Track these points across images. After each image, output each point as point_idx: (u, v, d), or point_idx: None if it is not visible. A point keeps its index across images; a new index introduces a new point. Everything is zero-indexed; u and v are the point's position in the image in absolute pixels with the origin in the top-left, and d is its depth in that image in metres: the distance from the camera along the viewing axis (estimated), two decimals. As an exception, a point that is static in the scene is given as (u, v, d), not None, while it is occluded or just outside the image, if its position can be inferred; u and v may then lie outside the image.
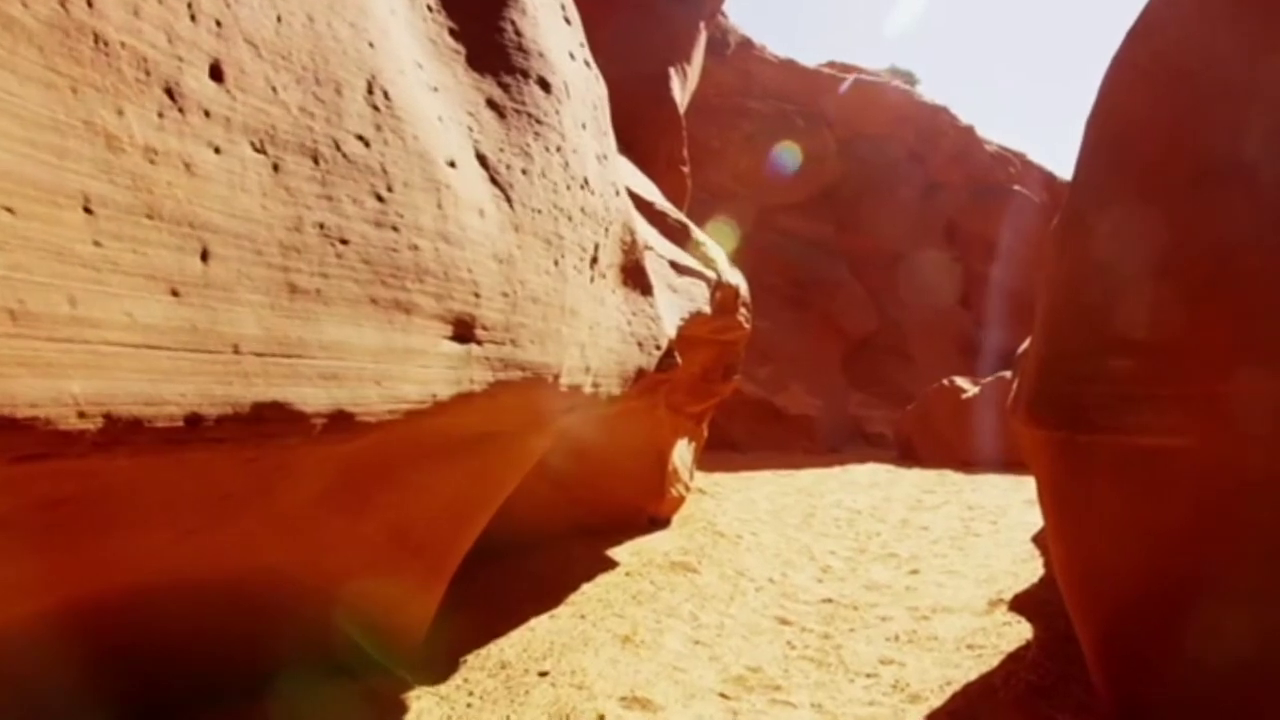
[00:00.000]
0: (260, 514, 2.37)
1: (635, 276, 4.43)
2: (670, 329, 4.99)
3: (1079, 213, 4.10)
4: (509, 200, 2.85)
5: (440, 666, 4.35)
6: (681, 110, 9.73)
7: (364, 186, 2.15)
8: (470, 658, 4.46)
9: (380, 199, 2.19)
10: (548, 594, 5.66)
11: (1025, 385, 4.13)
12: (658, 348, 4.57)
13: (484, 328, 2.60)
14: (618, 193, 4.08)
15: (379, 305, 2.12)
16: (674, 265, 5.58)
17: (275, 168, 1.95)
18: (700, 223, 16.76)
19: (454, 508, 3.89)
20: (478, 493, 3.99)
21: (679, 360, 5.94)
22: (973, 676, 4.54)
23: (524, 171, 3.00)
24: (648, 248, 5.27)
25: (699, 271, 6.01)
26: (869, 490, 11.94)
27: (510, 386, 2.84)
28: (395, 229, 2.21)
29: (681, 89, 9.63)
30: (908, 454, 16.20)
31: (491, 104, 3.03)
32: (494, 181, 2.82)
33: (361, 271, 2.09)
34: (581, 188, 3.48)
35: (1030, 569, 6.82)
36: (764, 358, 19.42)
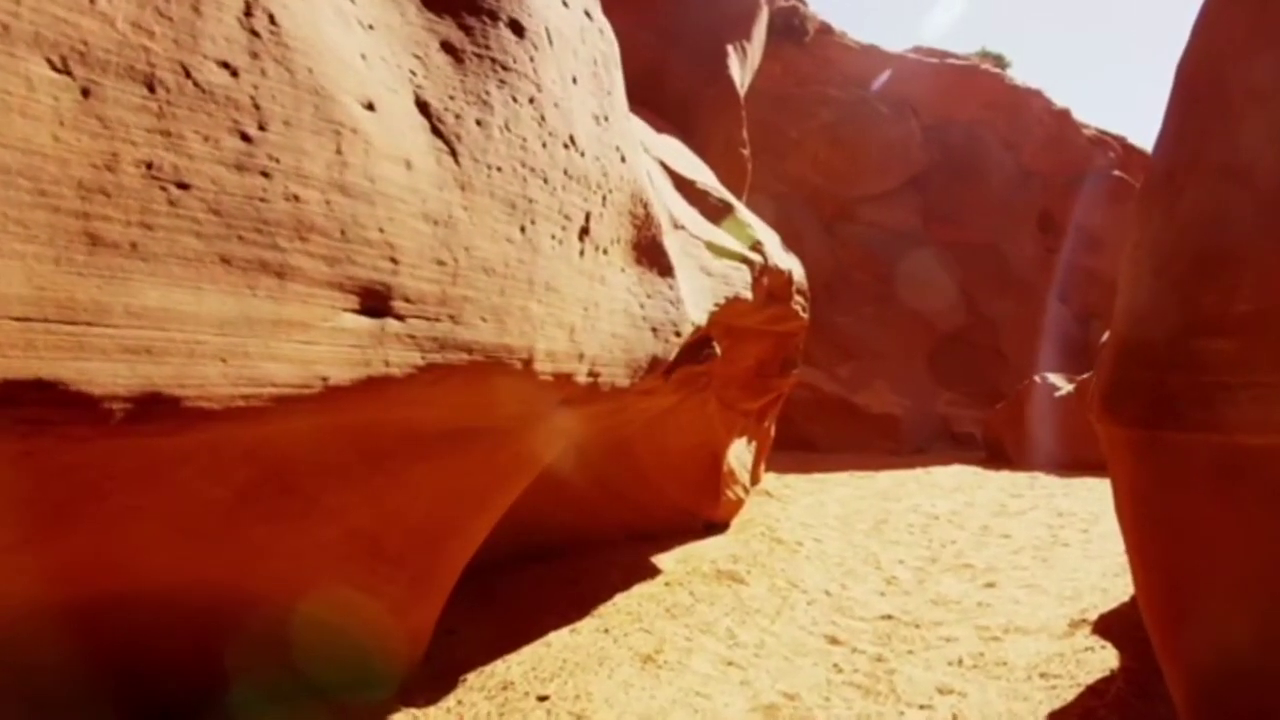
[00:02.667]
0: (120, 522, 2.00)
1: (651, 255, 3.95)
2: (698, 314, 4.49)
3: (1166, 172, 3.45)
4: (454, 154, 2.42)
5: (439, 685, 3.96)
6: (741, 90, 9.18)
7: (223, 122, 1.75)
8: (472, 676, 4.06)
9: (247, 138, 1.79)
10: (575, 604, 5.23)
11: (1101, 374, 3.51)
12: (677, 334, 4.08)
13: (407, 300, 2.17)
14: (624, 159, 3.61)
15: (233, 266, 1.71)
16: (711, 246, 5.08)
17: (85, 92, 1.56)
18: (775, 217, 16.17)
19: (439, 513, 3.50)
20: (466, 497, 3.58)
21: (718, 351, 5.44)
22: (1043, 713, 3.93)
23: (479, 123, 2.56)
24: (679, 227, 4.79)
25: (741, 254, 5.50)
26: (951, 494, 11.16)
27: (456, 371, 2.40)
28: (265, 174, 1.80)
29: (740, 68, 9.08)
30: (997, 455, 15.26)
31: (447, 47, 2.61)
32: (436, 132, 2.40)
33: (208, 224, 1.68)
34: (565, 147, 3.03)
35: (1121, 585, 6.08)
36: (845, 354, 18.70)
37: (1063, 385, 14.63)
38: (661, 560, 6.53)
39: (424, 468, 3.11)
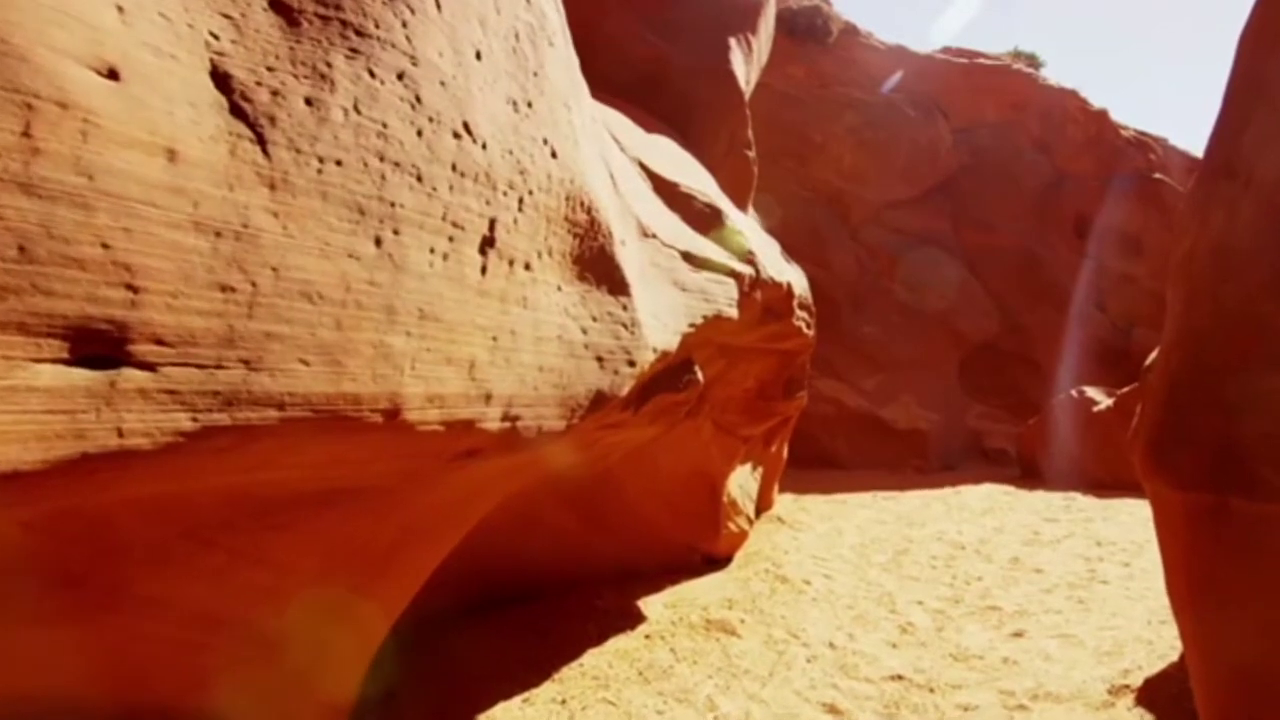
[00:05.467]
0: None
1: (598, 269, 3.31)
2: (664, 338, 3.84)
3: (1226, 163, 2.75)
4: (261, 141, 1.79)
5: (353, 778, 3.35)
6: (746, 88, 8.51)
7: None
8: (393, 766, 3.44)
9: None
10: (535, 665, 4.58)
11: (1147, 414, 2.80)
12: (631, 364, 3.42)
13: (161, 342, 1.55)
14: (555, 154, 2.97)
15: None
16: (688, 257, 4.43)
17: None
18: (798, 223, 15.42)
19: (336, 584, 2.87)
20: (369, 561, 2.96)
21: (700, 376, 4.78)
22: (1077, 822, 3.23)
23: (310, 102, 1.93)
24: (649, 235, 4.14)
25: (726, 265, 4.83)
26: (980, 518, 10.37)
27: (260, 434, 1.77)
28: None
29: (745, 64, 8.41)
30: (1031, 473, 14.41)
31: (277, 5, 1.99)
32: (237, 112, 1.78)
33: None
34: (456, 137, 2.39)
35: (1169, 636, 5.33)
36: (872, 366, 17.90)
37: (1101, 399, 13.75)
38: (648, 604, 5.87)
39: (288, 539, 2.49)
